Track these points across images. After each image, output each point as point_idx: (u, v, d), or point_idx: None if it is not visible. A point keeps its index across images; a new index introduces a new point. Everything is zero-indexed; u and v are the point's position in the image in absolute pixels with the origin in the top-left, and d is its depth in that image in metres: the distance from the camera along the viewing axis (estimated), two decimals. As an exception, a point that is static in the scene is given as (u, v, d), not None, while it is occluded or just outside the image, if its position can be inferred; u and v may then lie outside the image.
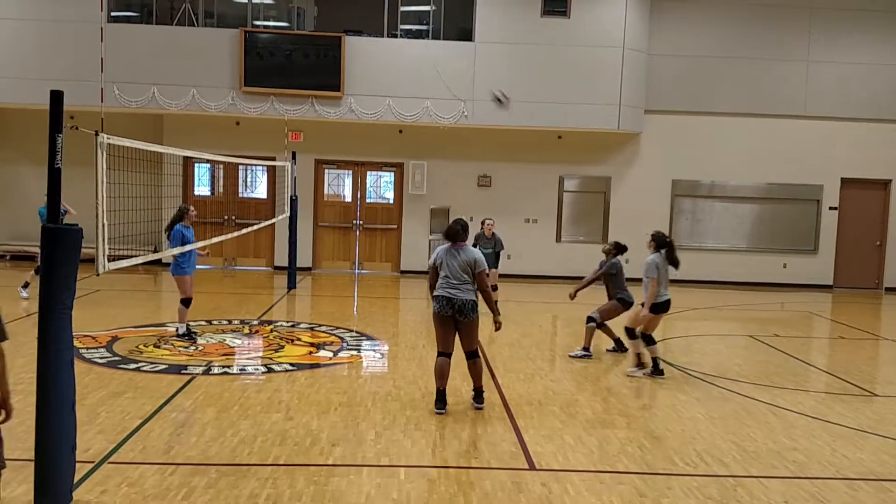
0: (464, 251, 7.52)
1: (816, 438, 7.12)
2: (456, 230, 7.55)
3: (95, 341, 9.88)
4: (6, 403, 4.15)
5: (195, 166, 18.16)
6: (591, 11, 17.07)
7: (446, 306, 7.39)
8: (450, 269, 7.46)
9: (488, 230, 13.14)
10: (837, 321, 14.83)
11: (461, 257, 7.48)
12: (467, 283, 7.45)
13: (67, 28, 16.16)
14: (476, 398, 7.74)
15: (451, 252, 7.54)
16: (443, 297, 7.42)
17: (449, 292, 7.41)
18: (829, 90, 18.37)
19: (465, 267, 7.45)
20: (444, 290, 7.43)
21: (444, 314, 7.42)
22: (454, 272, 7.44)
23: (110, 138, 5.92)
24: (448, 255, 7.53)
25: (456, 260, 7.48)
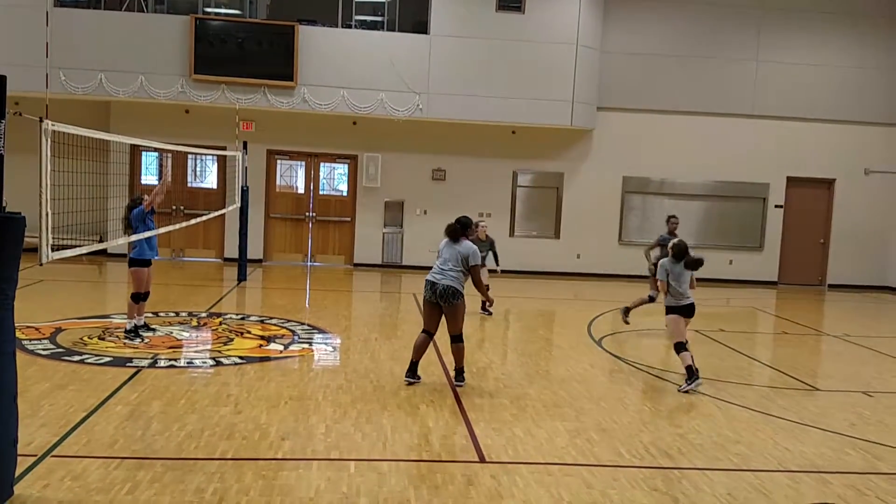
0: (461, 244, 8.12)
1: (759, 432, 7.28)
2: (454, 228, 8.19)
3: (39, 332, 9.65)
4: None
5: (143, 155, 17.81)
6: (546, 8, 17.17)
7: (429, 291, 8.01)
8: (442, 257, 8.09)
9: (482, 233, 13.23)
10: (781, 317, 15.18)
11: (457, 249, 8.09)
12: (453, 270, 7.99)
13: (13, 12, 15.71)
14: (457, 377, 8.27)
15: (449, 245, 8.17)
16: (429, 281, 8.05)
17: (434, 277, 8.02)
18: (776, 90, 18.77)
19: (457, 258, 8.04)
20: (431, 274, 8.07)
21: (428, 298, 8.04)
22: (444, 260, 8.05)
23: (55, 125, 5.78)
24: (447, 246, 8.17)
25: (452, 250, 8.09)
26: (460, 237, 8.18)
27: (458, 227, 8.19)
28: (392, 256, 18.47)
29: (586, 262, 18.71)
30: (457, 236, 8.17)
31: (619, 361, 9.98)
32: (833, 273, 19.52)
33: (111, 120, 17.06)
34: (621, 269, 18.27)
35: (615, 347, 10.91)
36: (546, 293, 16.34)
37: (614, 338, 11.70)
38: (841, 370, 10.42)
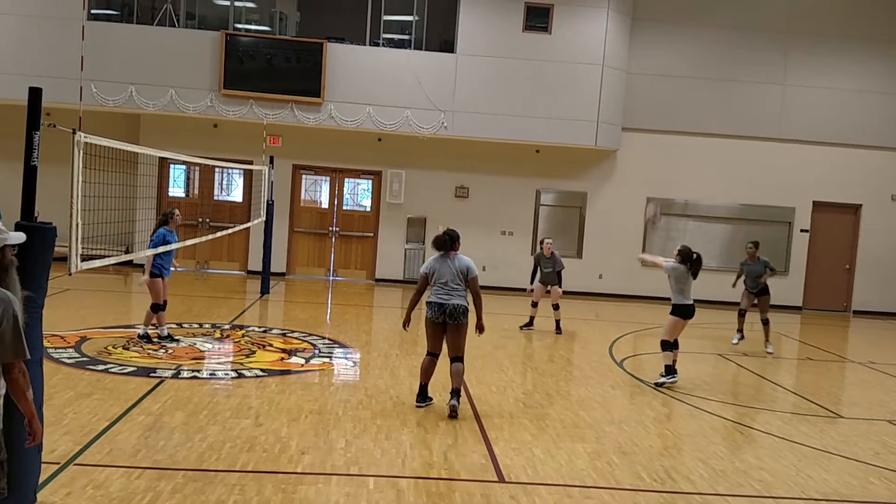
0: (456, 259, 7.95)
1: (782, 458, 7.20)
2: (444, 240, 7.97)
3: (64, 341, 9.76)
4: (31, 425, 3.94)
5: (171, 167, 18.03)
6: (573, 28, 17.23)
7: (438, 312, 7.80)
8: (442, 277, 7.85)
9: (547, 250, 13.45)
10: (805, 342, 15.02)
11: (454, 265, 7.90)
12: (458, 288, 7.85)
13: (47, 24, 16.02)
14: (453, 397, 7.87)
15: (442, 261, 7.93)
16: (435, 303, 7.81)
17: (441, 298, 7.81)
18: (803, 114, 18.67)
19: (457, 274, 7.86)
20: (437, 296, 7.83)
21: (435, 320, 7.84)
22: (446, 279, 7.83)
23: (87, 137, 5.87)
24: (440, 263, 7.93)
25: (448, 268, 7.88)
26: (450, 249, 7.96)
27: (447, 239, 7.95)
28: (413, 272, 18.49)
29: (609, 283, 18.64)
30: (447, 248, 7.93)
31: (641, 384, 9.92)
32: (858, 299, 19.29)
33: (141, 132, 17.28)
34: (644, 290, 18.16)
35: (637, 369, 10.85)
36: (567, 313, 16.22)
37: (636, 360, 11.64)
38: (865, 398, 10.28)
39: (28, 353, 3.84)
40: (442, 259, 7.96)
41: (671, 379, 9.64)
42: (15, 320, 3.75)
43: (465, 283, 7.89)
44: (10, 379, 3.80)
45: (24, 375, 3.84)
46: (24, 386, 3.85)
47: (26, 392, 3.87)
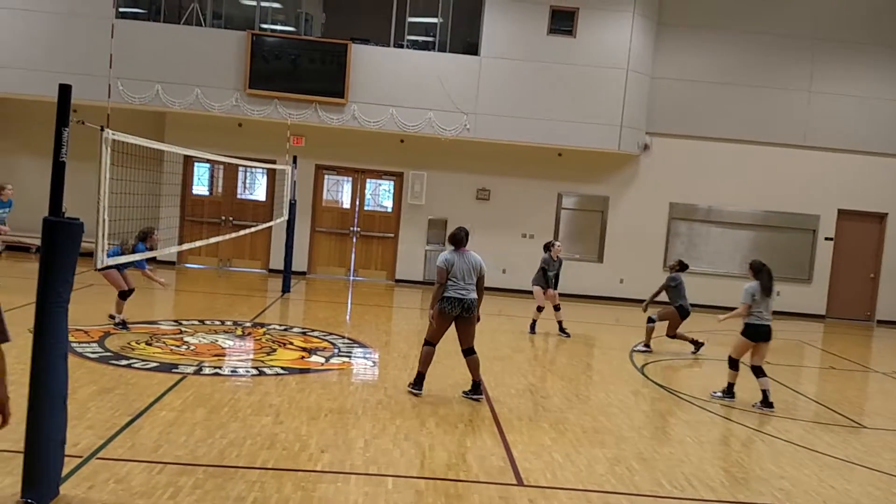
0: (470, 256, 8.36)
1: (804, 467, 7.13)
2: (461, 236, 8.39)
3: (88, 336, 9.86)
4: (4, 408, 4.01)
5: (195, 165, 18.17)
6: (597, 32, 17.19)
7: (457, 306, 8.18)
8: (459, 273, 8.23)
9: (556, 253, 13.42)
10: (828, 351, 14.87)
11: (469, 261, 8.31)
12: (472, 284, 8.29)
13: (75, 22, 16.21)
14: (475, 391, 8.37)
15: (458, 256, 8.31)
16: (455, 298, 8.18)
17: (460, 293, 8.19)
18: (829, 121, 18.49)
19: (471, 270, 8.29)
20: (456, 291, 8.19)
21: (452, 313, 8.20)
22: (463, 275, 8.23)
23: (115, 134, 5.93)
24: (458, 258, 8.29)
25: (465, 263, 8.28)
26: (463, 246, 8.37)
27: (464, 236, 8.39)
28: (433, 274, 18.41)
29: (630, 288, 18.53)
30: (463, 244, 8.36)
31: (662, 390, 9.86)
32: (882, 309, 19.07)
33: (166, 131, 17.43)
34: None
35: (658, 375, 10.79)
36: (587, 317, 16.22)
37: (657, 366, 11.57)
38: (889, 408, 10.16)
39: (10, 337, 3.95)
40: (458, 254, 8.32)
41: (727, 397, 9.44)
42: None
43: (477, 279, 8.32)
44: None
45: (2, 359, 3.93)
46: (3, 369, 3.95)
47: (4, 375, 3.97)
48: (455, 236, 8.40)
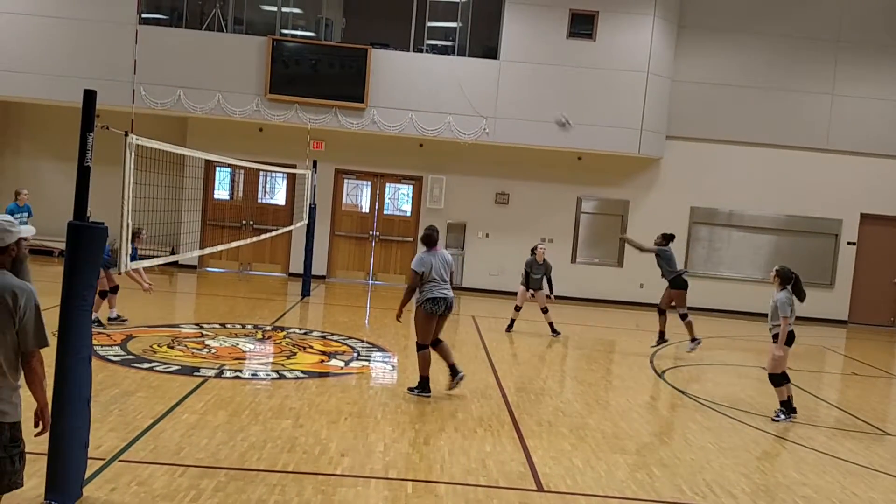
0: (443, 254, 8.59)
1: (826, 475, 7.06)
2: (436, 237, 8.58)
3: (110, 339, 9.95)
4: (43, 414, 4.03)
5: (216, 170, 18.30)
6: (618, 35, 17.14)
7: (441, 305, 8.36)
8: (437, 273, 8.38)
9: (540, 256, 13.34)
10: (851, 357, 14.72)
11: (444, 260, 8.53)
12: (448, 282, 8.52)
13: (98, 27, 16.37)
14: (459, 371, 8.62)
15: (434, 256, 8.45)
16: (440, 298, 8.36)
17: (444, 293, 8.40)
18: (852, 124, 18.32)
19: (447, 268, 8.52)
20: (440, 292, 8.37)
21: (437, 312, 8.37)
22: (441, 275, 8.41)
23: (139, 139, 5.99)
24: (433, 259, 8.43)
25: (440, 263, 8.46)
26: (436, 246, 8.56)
27: (437, 235, 8.58)
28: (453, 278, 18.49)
29: (650, 293, 18.32)
30: (437, 244, 8.56)
31: (683, 396, 9.80)
32: (907, 314, 18.85)
33: (188, 135, 17.56)
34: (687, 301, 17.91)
35: (678, 381, 10.73)
36: (607, 322, 16.17)
37: (677, 371, 11.51)
38: (914, 415, 10.04)
39: (48, 341, 3.97)
40: (432, 254, 8.46)
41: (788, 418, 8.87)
42: (37, 310, 3.90)
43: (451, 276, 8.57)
44: (30, 368, 3.91)
45: (41, 364, 3.95)
46: (41, 374, 3.96)
47: (43, 380, 3.98)
48: (430, 237, 8.52)
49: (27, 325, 3.84)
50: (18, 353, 3.88)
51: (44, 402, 4.02)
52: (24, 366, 3.91)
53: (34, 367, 3.91)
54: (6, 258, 3.91)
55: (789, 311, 8.83)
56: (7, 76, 16.38)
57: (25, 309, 3.83)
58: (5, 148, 18.29)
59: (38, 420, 4.04)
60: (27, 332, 3.85)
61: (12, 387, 3.89)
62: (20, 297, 3.83)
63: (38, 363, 3.93)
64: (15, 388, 3.91)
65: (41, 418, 4.04)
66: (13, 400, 3.90)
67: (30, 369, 3.91)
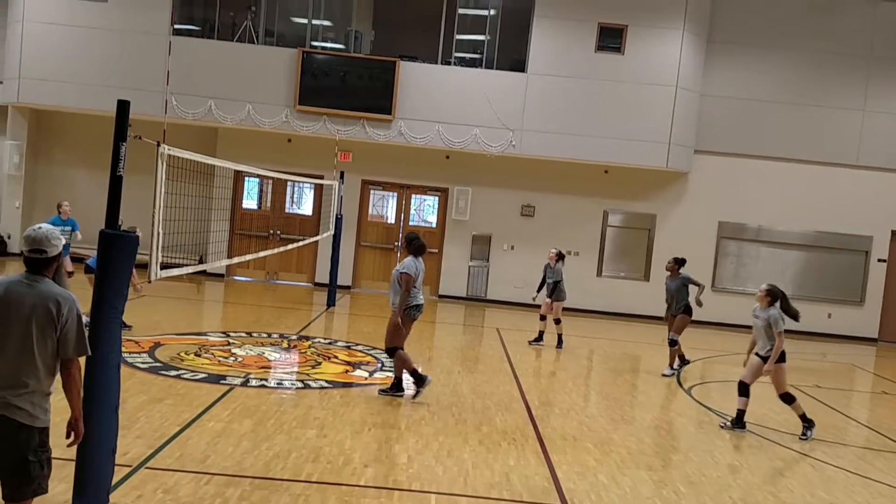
0: (422, 263, 8.79)
1: (856, 495, 6.96)
2: (425, 246, 8.95)
3: (139, 346, 10.05)
4: (77, 425, 4.10)
5: (245, 180, 18.46)
6: (646, 49, 17.10)
7: (420, 311, 8.80)
8: (419, 279, 8.69)
9: (550, 259, 13.32)
10: (881, 376, 14.50)
11: (423, 269, 8.80)
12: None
13: (132, 38, 16.62)
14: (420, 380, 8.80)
15: (419, 263, 8.70)
16: (420, 304, 8.77)
17: (421, 300, 8.80)
18: (883, 140, 18.11)
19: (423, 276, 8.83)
20: (419, 298, 8.75)
21: (416, 318, 8.80)
22: (421, 281, 8.75)
23: (171, 149, 6.06)
24: (419, 266, 8.69)
25: (421, 270, 8.73)
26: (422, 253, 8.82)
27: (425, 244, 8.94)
28: (477, 290, 18.52)
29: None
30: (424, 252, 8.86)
31: (710, 412, 9.70)
32: (940, 333, 18.54)
33: (218, 145, 17.75)
34: (714, 316, 17.67)
35: (705, 397, 10.62)
36: (633, 336, 16.05)
37: (704, 387, 11.40)
38: (947, 437, 9.85)
39: (90, 350, 4.04)
40: (419, 262, 8.70)
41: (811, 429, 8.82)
42: (78, 319, 3.98)
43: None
44: (69, 374, 3.98)
45: (80, 372, 4.03)
46: (79, 383, 4.05)
47: (80, 389, 4.07)
48: (423, 246, 8.82)
49: (69, 334, 3.92)
50: (56, 360, 3.96)
51: (79, 412, 4.09)
52: (63, 372, 3.99)
53: (73, 374, 3.99)
54: (51, 268, 4.00)
55: (782, 326, 8.71)
56: (41, 85, 16.69)
57: (68, 317, 3.92)
58: (39, 156, 18.59)
59: (70, 430, 4.10)
60: (68, 340, 3.93)
61: (45, 393, 3.97)
62: (63, 306, 3.92)
63: (76, 371, 4.01)
64: (47, 394, 3.99)
65: (74, 428, 4.10)
66: (45, 405, 3.98)
67: (68, 376, 3.99)
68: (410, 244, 8.81)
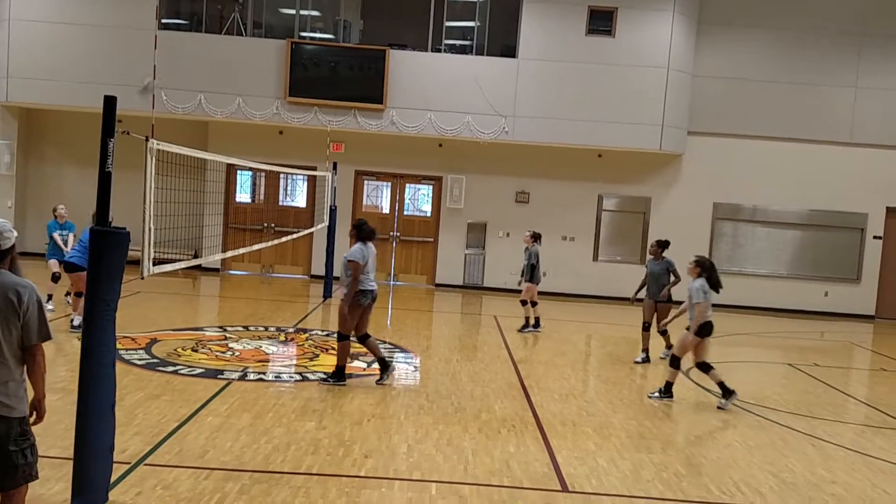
0: (372, 248, 8.86)
1: (856, 472, 6.96)
2: (373, 231, 8.93)
3: (135, 343, 10.01)
4: (40, 405, 4.18)
5: (237, 173, 18.38)
6: (637, 31, 17.02)
7: (369, 297, 8.75)
8: (370, 265, 8.75)
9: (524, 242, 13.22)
10: (879, 352, 14.52)
11: (374, 254, 8.87)
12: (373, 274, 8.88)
13: (119, 33, 16.50)
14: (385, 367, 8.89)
15: (368, 249, 8.74)
16: (369, 290, 8.73)
17: (372, 285, 8.79)
18: (876, 117, 18.08)
19: (375, 261, 8.92)
20: (370, 284, 8.74)
21: (365, 304, 8.73)
22: (372, 267, 8.80)
23: (160, 144, 6.01)
24: (368, 252, 8.73)
25: (372, 257, 8.81)
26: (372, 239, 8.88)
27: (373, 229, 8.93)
28: (473, 278, 18.50)
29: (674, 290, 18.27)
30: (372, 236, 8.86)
31: (708, 394, 9.71)
32: (936, 308, 18.57)
33: (209, 139, 17.66)
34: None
35: (703, 379, 10.60)
36: (630, 320, 15.99)
37: (701, 368, 11.39)
38: (945, 411, 9.87)
39: (51, 335, 4.11)
40: (368, 248, 8.73)
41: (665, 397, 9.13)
42: (39, 305, 4.05)
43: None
44: (34, 360, 4.07)
45: (44, 357, 4.11)
46: (43, 367, 4.13)
47: (44, 373, 4.15)
48: (372, 232, 8.84)
49: (31, 320, 4.01)
50: (22, 349, 4.03)
51: (42, 394, 4.18)
52: (28, 358, 4.06)
53: (38, 359, 4.08)
54: (5, 260, 4.07)
55: (704, 297, 8.92)
56: (30, 83, 16.59)
57: (29, 304, 4.00)
58: (29, 154, 18.48)
59: (32, 410, 4.17)
60: (31, 327, 4.01)
61: (18, 381, 4.04)
62: (23, 294, 3.99)
63: (41, 356, 4.10)
64: (21, 382, 4.05)
65: (37, 408, 4.18)
66: (20, 394, 4.04)
67: (33, 361, 4.07)
68: (359, 230, 8.83)
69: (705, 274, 9.14)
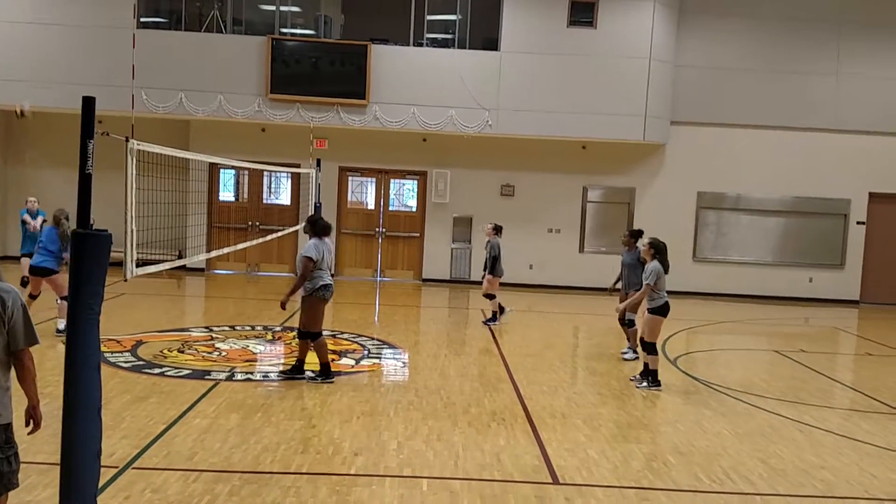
0: (329, 244, 8.89)
1: (844, 457, 7.01)
2: (328, 225, 8.90)
3: (120, 345, 9.94)
4: (35, 412, 4.13)
5: (220, 172, 18.27)
6: (618, 22, 17.03)
7: (330, 293, 8.73)
8: (327, 261, 8.71)
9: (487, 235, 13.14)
10: (864, 337, 14.63)
11: (329, 249, 8.88)
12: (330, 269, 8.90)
13: (96, 33, 16.35)
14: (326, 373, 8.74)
15: (324, 245, 8.69)
16: (330, 285, 8.70)
17: (330, 280, 8.74)
18: (858, 103, 18.19)
19: (331, 257, 8.98)
20: (328, 279, 8.71)
21: (327, 299, 8.69)
22: (328, 262, 8.75)
23: (140, 144, 5.95)
24: (324, 248, 8.69)
25: (328, 252, 8.77)
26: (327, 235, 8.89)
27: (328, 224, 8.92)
28: (460, 272, 18.49)
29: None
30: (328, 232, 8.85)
31: (696, 382, 9.75)
32: (919, 292, 18.73)
33: (191, 138, 17.55)
34: (695, 286, 17.85)
35: (691, 367, 10.67)
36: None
37: (689, 357, 11.45)
38: (931, 394, 9.96)
39: (38, 339, 4.08)
40: (323, 243, 8.70)
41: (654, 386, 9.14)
42: (23, 309, 4.02)
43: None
44: (22, 365, 4.03)
45: (32, 362, 4.07)
46: (33, 371, 4.08)
47: (35, 378, 4.10)
48: (327, 227, 8.82)
49: (16, 325, 3.97)
50: (8, 354, 3.99)
51: (36, 400, 4.14)
52: (16, 364, 4.02)
53: (27, 364, 4.04)
54: None
55: (654, 279, 9.12)
56: (8, 85, 16.39)
57: (13, 309, 3.96)
58: (9, 157, 18.31)
59: (29, 418, 4.14)
60: (17, 332, 3.98)
61: (3, 388, 3.99)
62: (7, 300, 3.95)
63: (29, 361, 4.05)
64: (6, 389, 4.00)
65: (33, 415, 4.15)
66: (4, 401, 3.99)
67: (22, 366, 4.03)
68: (314, 226, 8.80)
69: (658, 256, 9.28)
